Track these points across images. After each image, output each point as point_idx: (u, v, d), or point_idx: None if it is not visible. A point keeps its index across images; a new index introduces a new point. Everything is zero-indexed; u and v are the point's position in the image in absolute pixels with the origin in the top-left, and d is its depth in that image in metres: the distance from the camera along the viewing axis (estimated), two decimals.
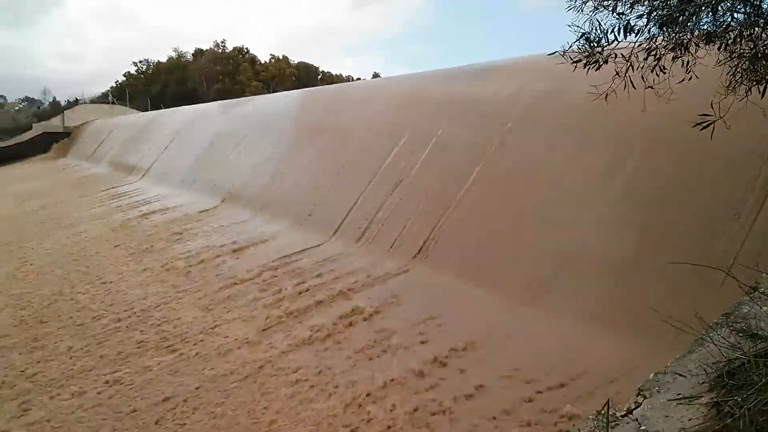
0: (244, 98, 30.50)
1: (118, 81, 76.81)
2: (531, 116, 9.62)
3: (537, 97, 9.90)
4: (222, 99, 37.98)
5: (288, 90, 36.11)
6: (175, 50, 77.90)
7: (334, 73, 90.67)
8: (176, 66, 76.12)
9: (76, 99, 67.06)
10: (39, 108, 70.38)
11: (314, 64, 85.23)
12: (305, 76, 78.87)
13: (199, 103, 38.58)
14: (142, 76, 77.66)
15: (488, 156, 9.84)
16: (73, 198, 23.63)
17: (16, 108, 76.67)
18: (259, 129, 19.36)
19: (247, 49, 78.66)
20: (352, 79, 77.22)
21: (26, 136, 47.65)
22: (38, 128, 48.59)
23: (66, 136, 46.94)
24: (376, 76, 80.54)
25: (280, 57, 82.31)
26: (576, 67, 4.39)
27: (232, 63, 74.34)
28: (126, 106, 58.80)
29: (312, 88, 22.00)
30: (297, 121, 18.00)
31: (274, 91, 51.43)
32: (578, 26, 4.24)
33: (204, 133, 23.67)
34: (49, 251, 14.89)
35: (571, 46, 4.31)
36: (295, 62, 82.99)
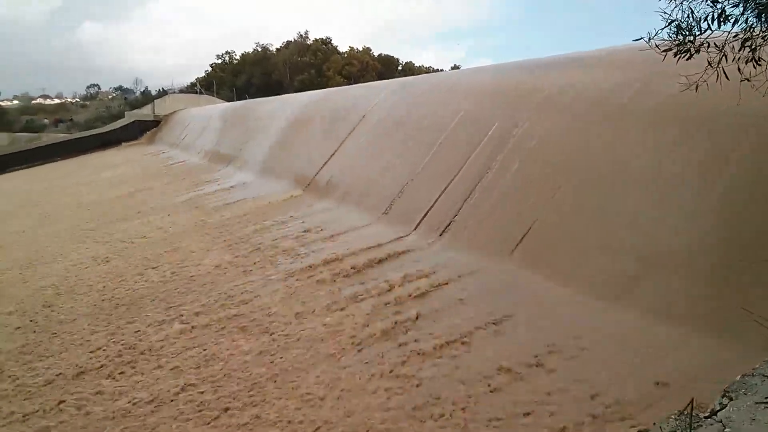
0: (330, 89, 29.72)
1: (207, 71, 77.99)
2: (620, 109, 8.57)
3: (625, 89, 8.81)
4: (304, 90, 37.39)
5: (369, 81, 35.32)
6: (257, 43, 78.33)
7: (415, 65, 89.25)
8: (261, 57, 76.72)
9: (163, 89, 68.23)
10: (127, 98, 72.07)
11: (395, 56, 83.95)
12: (386, 67, 77.85)
13: (282, 94, 38.23)
14: (228, 67, 78.59)
15: (576, 149, 8.79)
16: (160, 184, 23.60)
17: (110, 97, 79.32)
18: (342, 119, 18.13)
19: (329, 39, 78.10)
20: (434, 71, 75.02)
21: (119, 123, 48.78)
22: (130, 116, 49.66)
23: (155, 124, 47.64)
24: (456, 67, 78.50)
25: (362, 48, 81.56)
26: (665, 56, 4.29)
27: (316, 55, 73.92)
28: (213, 96, 59.04)
29: (400, 78, 20.83)
30: (383, 111, 16.45)
31: (355, 83, 50.51)
32: (668, 13, 4.15)
33: (286, 122, 23.10)
34: (133, 236, 14.48)
35: (657, 34, 4.19)
36: (376, 54, 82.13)
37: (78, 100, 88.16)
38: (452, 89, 14.16)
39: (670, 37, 4.24)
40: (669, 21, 4.17)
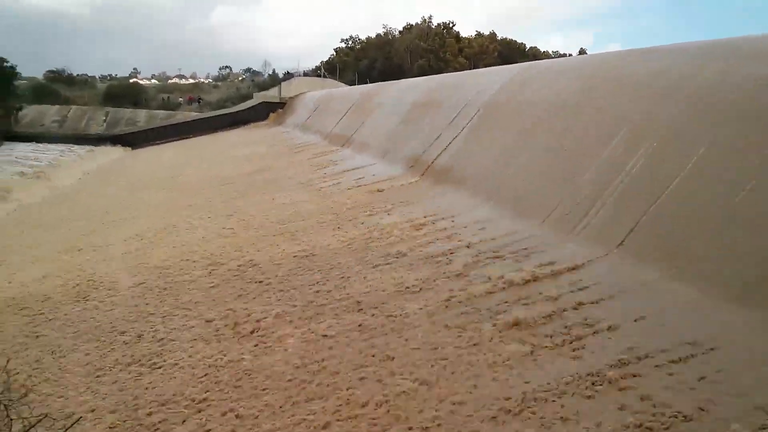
0: (452, 74, 29.21)
1: (331, 55, 79.73)
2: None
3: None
4: (425, 75, 37.11)
5: (490, 66, 34.44)
6: (385, 26, 78.74)
7: (541, 50, 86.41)
8: (384, 42, 77.21)
9: (289, 72, 70.50)
10: (255, 80, 75.18)
11: (519, 41, 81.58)
12: (509, 52, 75.89)
13: (402, 78, 38.17)
14: (351, 51, 79.86)
15: (708, 143, 7.92)
16: (283, 164, 24.21)
17: (240, 79, 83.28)
18: (463, 104, 17.60)
19: (452, 23, 77.19)
20: (560, 56, 72.00)
21: (247, 104, 50.91)
22: (258, 98, 51.62)
23: (281, 106, 49.19)
24: (582, 52, 75.05)
25: (486, 33, 79.94)
26: None
27: (437, 39, 73.34)
28: (336, 79, 60.23)
29: (520, 64, 20.05)
30: (502, 95, 15.94)
31: (476, 68, 49.54)
32: None
33: (405, 106, 22.94)
34: (253, 214, 14.86)
35: None
36: (500, 38, 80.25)
37: (210, 80, 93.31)
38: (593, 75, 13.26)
39: None
40: None
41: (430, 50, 70.66)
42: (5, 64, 39.67)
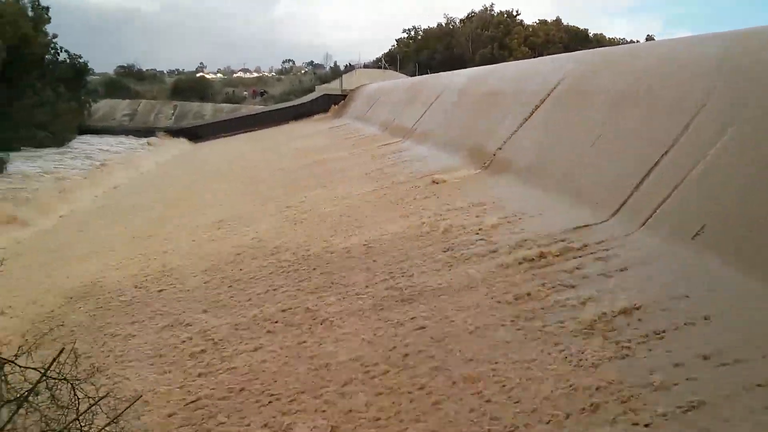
0: (511, 63, 28.55)
1: (392, 46, 79.67)
2: None
3: None
4: (486, 64, 36.46)
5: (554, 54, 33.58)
6: (446, 15, 77.98)
7: (607, 37, 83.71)
8: (444, 32, 76.51)
9: (350, 64, 70.87)
10: (317, 72, 75.99)
11: (583, 28, 79.17)
12: (573, 40, 73.72)
13: (463, 68, 37.64)
14: (412, 42, 79.52)
15: None
16: (344, 156, 24.30)
17: (302, 71, 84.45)
18: (527, 92, 17.07)
19: (517, 11, 75.67)
20: (625, 43, 69.61)
21: (309, 97, 51.54)
22: (320, 90, 52.21)
23: (342, 98, 49.56)
24: (649, 39, 72.21)
25: (549, 21, 78.02)
26: None
27: (499, 28, 72.03)
28: (396, 71, 60.12)
29: (583, 51, 19.43)
30: (568, 84, 15.38)
31: (539, 56, 48.42)
32: None
33: (468, 96, 22.63)
34: (315, 205, 15.01)
35: None
36: (563, 26, 78.11)
37: (274, 74, 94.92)
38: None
39: None
40: None
41: (493, 39, 69.58)
42: (79, 60, 41.42)
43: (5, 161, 25.10)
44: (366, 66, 67.39)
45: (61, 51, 39.67)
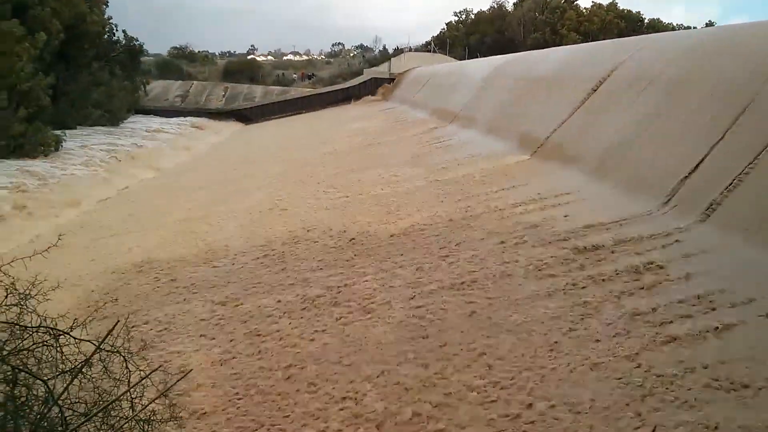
0: (564, 47, 27.81)
1: (442, 30, 78.90)
2: None
3: None
4: (537, 49, 35.60)
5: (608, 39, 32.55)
6: (496, 1, 76.58)
7: (664, 22, 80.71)
8: (495, 16, 75.22)
9: (398, 47, 70.50)
10: (365, 56, 75.87)
11: (637, 12, 76.43)
12: (628, 25, 71.36)
13: (513, 53, 36.90)
14: (462, 25, 78.55)
15: None
16: (391, 139, 24.30)
17: (351, 55, 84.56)
18: (578, 78, 16.81)
19: None
20: (681, 29, 67.07)
21: (358, 80, 51.51)
22: (368, 74, 52.16)
23: (390, 81, 49.39)
24: (709, 25, 69.32)
25: (605, 4, 75.64)
26: None
27: (553, 12, 70.28)
28: (445, 54, 59.51)
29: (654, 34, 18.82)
30: (621, 70, 14.99)
31: (593, 41, 47.04)
32: None
33: (517, 81, 22.25)
34: (367, 187, 15.07)
35: None
36: (618, 11, 75.54)
37: (323, 57, 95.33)
38: None
39: None
40: None
41: (546, 23, 68.09)
42: (134, 41, 42.28)
43: (61, 139, 25.90)
44: (416, 49, 66.90)
45: (117, 32, 40.58)
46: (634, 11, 75.79)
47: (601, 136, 12.88)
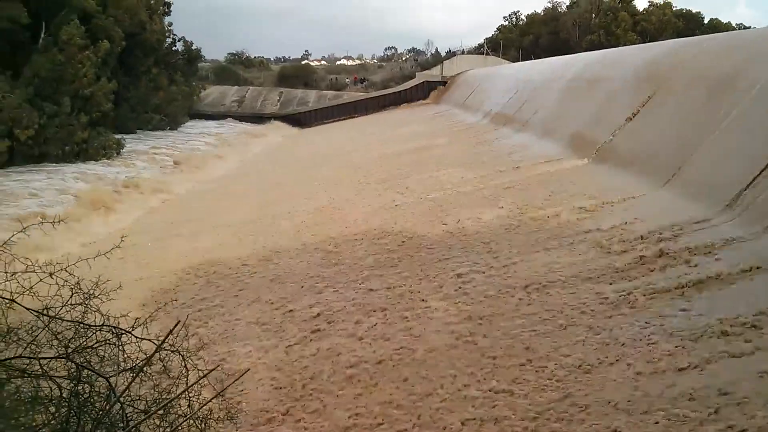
0: (619, 48, 26.94)
1: (495, 32, 78.17)
2: None
3: None
4: (593, 50, 34.75)
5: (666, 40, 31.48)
6: (551, 1, 75.43)
7: (723, 21, 77.69)
8: (550, 17, 74.08)
9: (450, 50, 70.18)
10: (417, 59, 75.83)
11: (696, 12, 73.80)
12: (687, 25, 69.00)
13: (568, 53, 36.14)
14: (515, 27, 77.69)
15: None
16: (443, 142, 24.17)
17: (404, 58, 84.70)
18: (633, 79, 16.44)
19: None
20: (742, 28, 64.47)
21: (409, 84, 51.56)
22: (420, 77, 52.12)
23: (443, 84, 49.33)
24: None
25: (662, 2, 73.40)
26: None
27: (610, 14, 68.64)
28: (498, 56, 58.86)
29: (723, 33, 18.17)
30: (686, 71, 14.33)
31: (651, 41, 45.67)
32: None
33: (573, 82, 21.77)
34: (422, 190, 15.08)
35: None
36: (676, 10, 73.15)
37: (376, 61, 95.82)
38: None
39: None
40: None
41: (601, 25, 66.59)
42: (192, 47, 43.43)
43: (122, 143, 26.87)
44: (468, 52, 66.38)
45: (177, 39, 41.77)
46: (693, 11, 73.45)
47: (663, 140, 12.46)
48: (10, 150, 22.34)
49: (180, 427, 3.17)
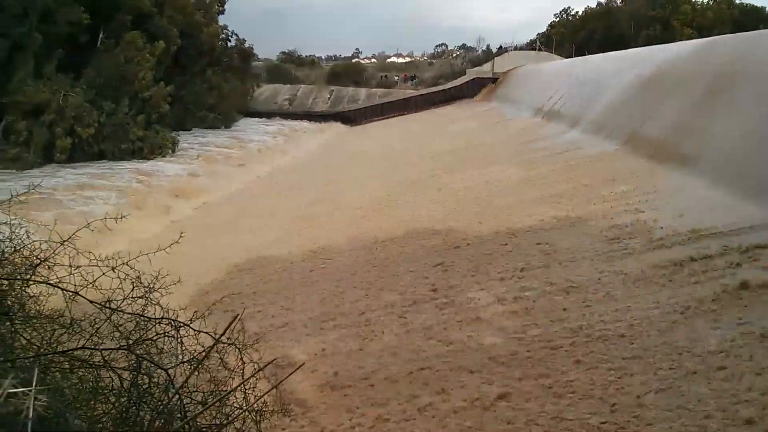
0: (672, 44, 25.79)
1: (548, 28, 76.83)
2: None
3: None
4: (648, 46, 33.59)
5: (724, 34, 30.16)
6: None
7: None
8: (604, 12, 72.33)
9: (501, 46, 69.32)
10: (468, 56, 75.21)
11: (760, 6, 70.59)
12: (748, 20, 66.08)
13: (624, 49, 35.00)
14: (569, 22, 76.20)
15: None
16: (493, 140, 24.04)
17: (454, 55, 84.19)
18: (692, 75, 15.73)
19: None
20: None
21: (460, 80, 51.32)
22: (470, 74, 51.83)
23: (493, 81, 48.84)
24: None
25: None
26: None
27: (668, 8, 66.50)
28: (551, 52, 57.82)
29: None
30: (749, 67, 13.54)
31: (707, 36, 43.92)
32: None
33: (629, 78, 20.88)
34: (469, 186, 15.13)
35: None
36: (736, 4, 70.18)
37: (426, 58, 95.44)
38: None
39: None
40: None
41: (657, 19, 64.56)
42: (245, 47, 44.19)
43: (176, 141, 27.52)
44: (520, 48, 65.45)
45: (230, 38, 42.56)
46: (755, 5, 70.43)
47: (723, 140, 11.92)
48: (71, 147, 23.17)
49: (235, 419, 3.21)
